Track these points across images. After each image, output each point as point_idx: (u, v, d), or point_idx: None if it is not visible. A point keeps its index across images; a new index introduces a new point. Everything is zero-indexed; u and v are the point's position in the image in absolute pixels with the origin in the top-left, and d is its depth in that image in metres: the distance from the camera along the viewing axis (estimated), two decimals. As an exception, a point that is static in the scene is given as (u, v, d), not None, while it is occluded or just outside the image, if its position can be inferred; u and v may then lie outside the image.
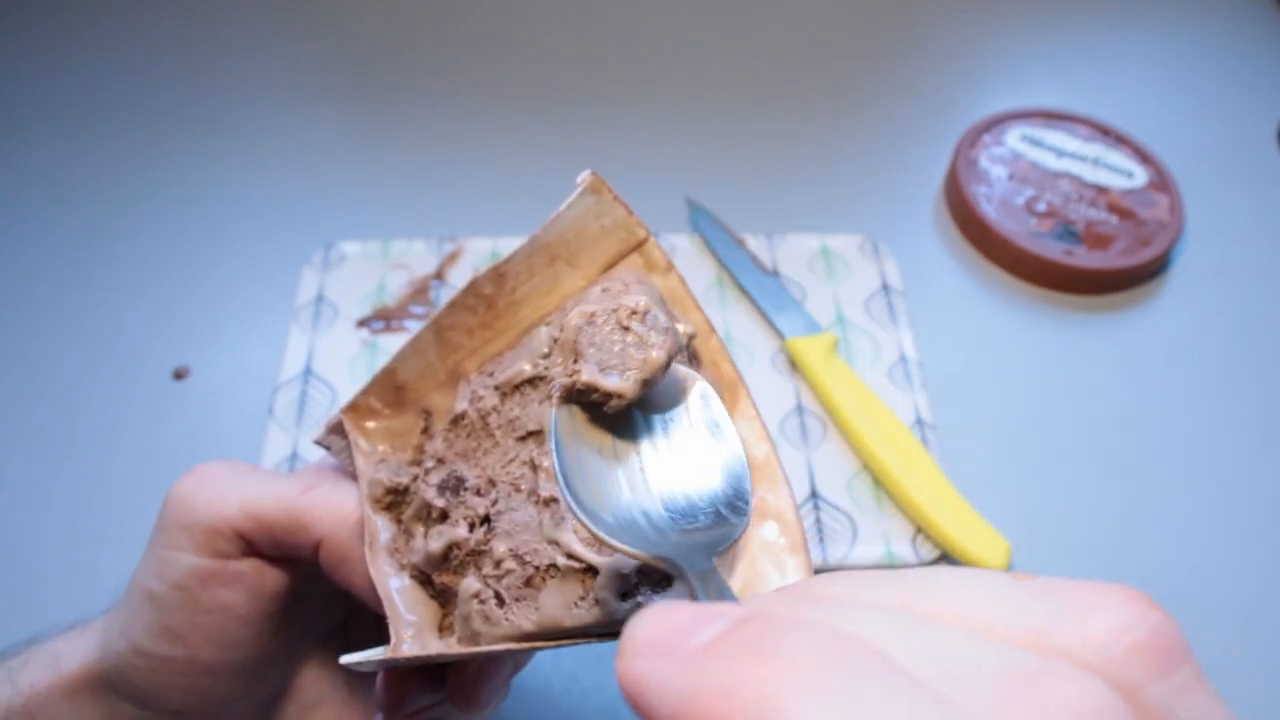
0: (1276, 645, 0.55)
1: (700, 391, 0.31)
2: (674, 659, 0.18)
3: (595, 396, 0.29)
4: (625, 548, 0.26)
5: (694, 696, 0.17)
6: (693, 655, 0.18)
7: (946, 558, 0.58)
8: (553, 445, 0.28)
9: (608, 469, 0.29)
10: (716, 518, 0.28)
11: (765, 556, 0.34)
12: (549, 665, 0.54)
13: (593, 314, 0.29)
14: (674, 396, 0.31)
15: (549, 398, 0.32)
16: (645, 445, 0.30)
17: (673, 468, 0.29)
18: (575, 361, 0.28)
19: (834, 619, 0.19)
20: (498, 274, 0.38)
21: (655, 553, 0.26)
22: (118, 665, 0.37)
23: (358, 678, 0.43)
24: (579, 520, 0.27)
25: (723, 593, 0.24)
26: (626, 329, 0.28)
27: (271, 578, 0.38)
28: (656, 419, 0.31)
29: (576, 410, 0.30)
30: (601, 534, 0.26)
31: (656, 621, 0.19)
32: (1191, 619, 0.56)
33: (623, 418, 0.30)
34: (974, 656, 0.17)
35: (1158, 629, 0.19)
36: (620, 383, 0.28)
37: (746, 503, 0.28)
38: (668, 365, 0.29)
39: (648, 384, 0.29)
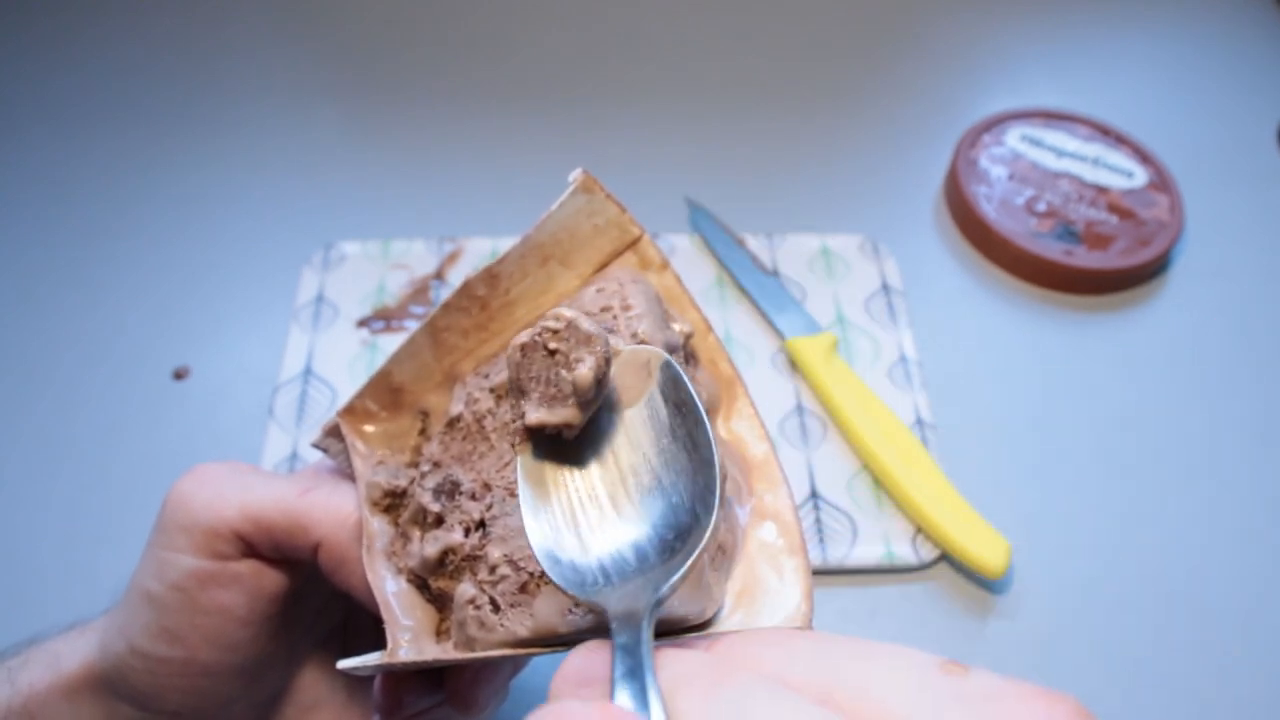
0: (1276, 645, 0.55)
1: (663, 373, 0.29)
2: None
3: (548, 431, 0.28)
4: (576, 595, 0.27)
5: None
6: None
7: (946, 558, 0.58)
8: (520, 496, 0.28)
9: (579, 502, 0.28)
10: (684, 531, 0.27)
11: (763, 558, 0.34)
12: (548, 668, 0.54)
13: (523, 345, 0.27)
14: (641, 381, 0.30)
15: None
16: (620, 452, 0.29)
17: (645, 475, 0.28)
18: (521, 400, 0.27)
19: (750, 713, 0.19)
20: (491, 275, 0.37)
21: (593, 600, 0.26)
22: (116, 666, 0.37)
23: (356, 679, 0.43)
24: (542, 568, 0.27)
25: (637, 665, 0.23)
26: (553, 352, 0.27)
27: (270, 579, 0.38)
28: (628, 414, 0.30)
29: (540, 447, 0.29)
30: (557, 583, 0.27)
31: None
32: (1191, 619, 0.56)
33: (589, 431, 0.30)
34: None
35: None
36: (564, 412, 0.27)
37: (714, 495, 0.27)
38: (601, 378, 0.28)
39: (589, 404, 0.28)
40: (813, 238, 0.73)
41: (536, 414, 0.27)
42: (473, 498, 0.34)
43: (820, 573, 0.58)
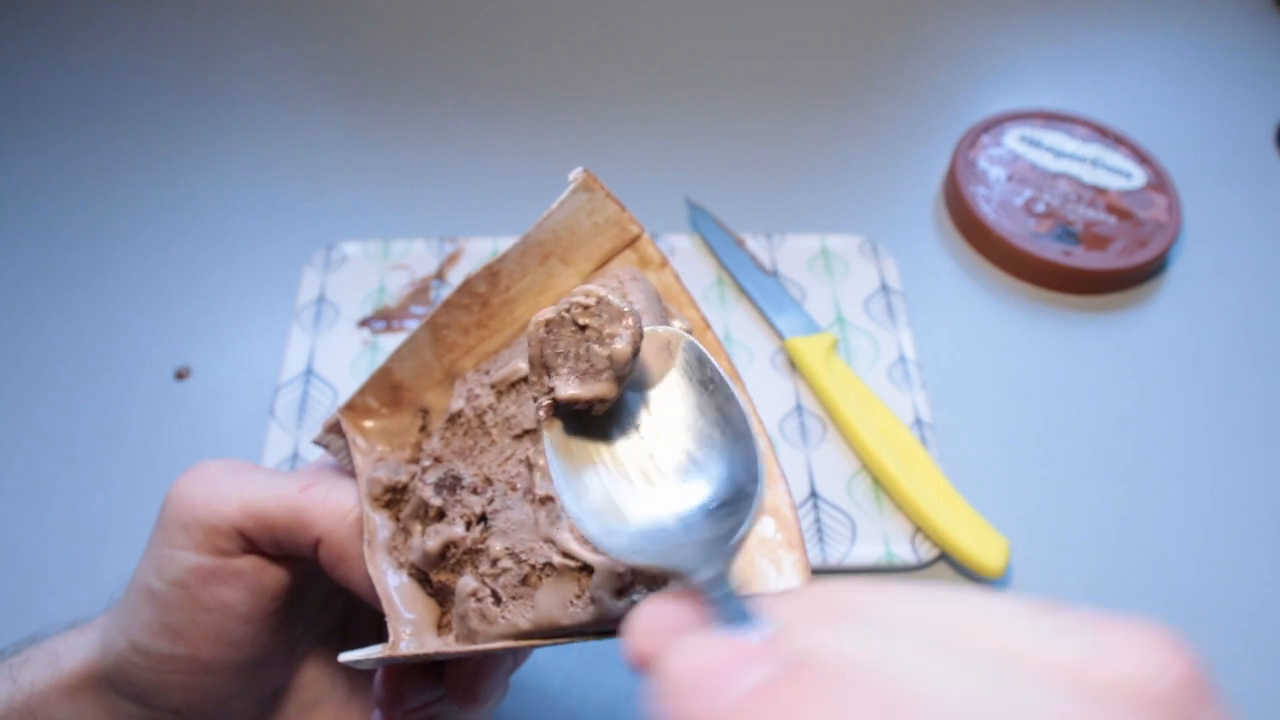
0: (1276, 645, 0.55)
1: (686, 353, 0.29)
2: (719, 702, 0.18)
3: (579, 406, 0.28)
4: (641, 563, 0.26)
5: None
6: (741, 704, 0.17)
7: (946, 557, 0.58)
8: (553, 471, 0.27)
9: (611, 478, 0.28)
10: (728, 500, 0.27)
11: (762, 553, 0.34)
12: (548, 663, 0.54)
13: (548, 321, 0.27)
14: (662, 362, 0.30)
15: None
16: (646, 431, 0.29)
17: (675, 452, 0.28)
18: (548, 377, 0.27)
19: (870, 651, 0.18)
20: (491, 272, 0.38)
21: (666, 563, 0.25)
22: (118, 663, 0.37)
23: (357, 676, 0.43)
24: (593, 543, 0.26)
25: (739, 609, 0.22)
26: (584, 328, 0.27)
27: (271, 576, 0.38)
28: (652, 395, 0.29)
29: (566, 423, 0.29)
30: (613, 554, 0.26)
31: (695, 657, 0.19)
32: (1191, 619, 0.56)
33: (616, 409, 0.29)
34: (1023, 698, 0.17)
35: (1192, 667, 0.19)
36: (599, 386, 0.27)
37: (756, 463, 0.26)
38: (636, 351, 0.27)
39: (623, 379, 0.28)
40: (812, 238, 0.73)
41: (569, 389, 0.27)
42: (474, 492, 0.35)
43: (820, 572, 0.58)
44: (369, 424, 0.39)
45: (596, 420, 0.29)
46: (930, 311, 0.70)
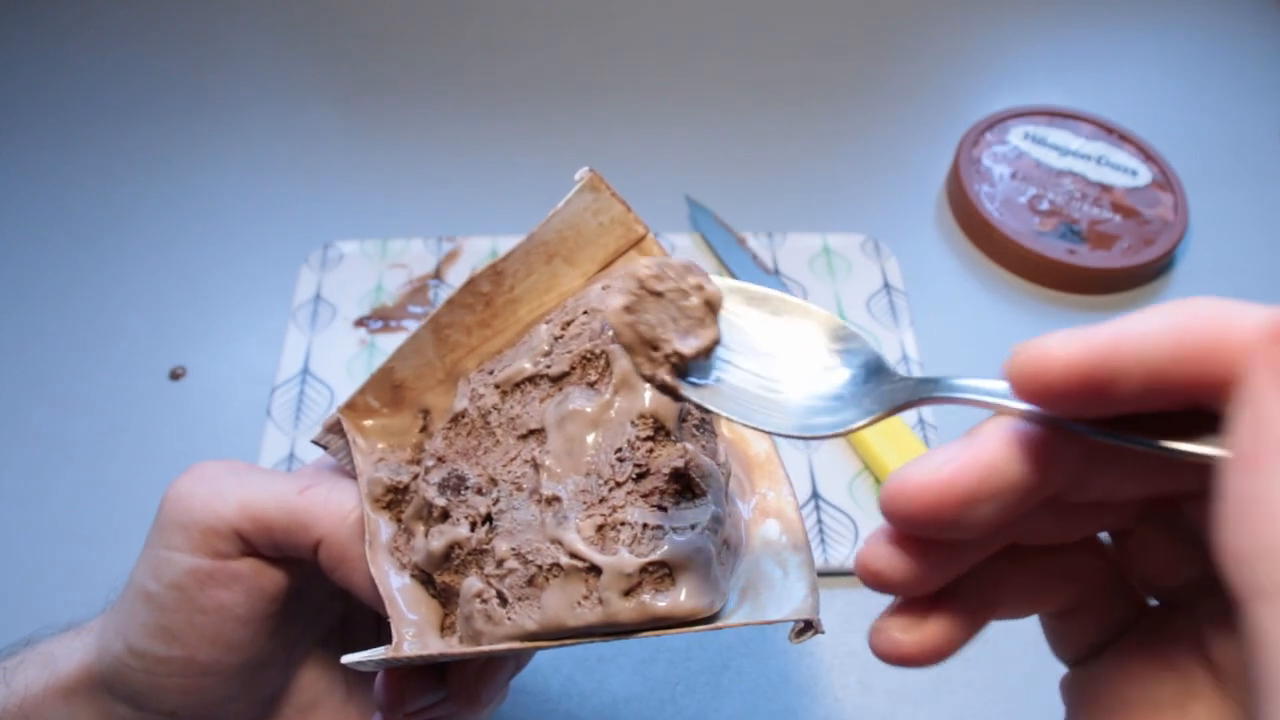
0: None
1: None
2: None
3: (698, 356, 0.28)
4: (875, 415, 0.26)
5: None
6: None
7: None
8: (728, 414, 0.27)
9: (751, 395, 0.28)
10: (862, 357, 0.28)
11: (768, 554, 0.34)
12: (547, 668, 0.54)
13: (626, 307, 0.27)
14: None
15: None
16: (747, 357, 0.29)
17: (785, 356, 0.29)
18: (655, 350, 0.27)
19: None
20: (496, 272, 0.37)
21: (908, 398, 0.26)
22: (114, 666, 0.37)
23: (355, 678, 0.43)
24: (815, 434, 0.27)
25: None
26: (660, 294, 0.27)
27: (270, 578, 0.37)
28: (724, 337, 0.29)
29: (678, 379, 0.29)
30: (858, 423, 0.26)
31: None
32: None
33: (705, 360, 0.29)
34: None
35: None
36: (708, 331, 0.28)
37: (847, 329, 0.28)
38: (718, 292, 0.28)
39: (718, 316, 0.28)
40: (814, 237, 0.72)
41: (689, 344, 0.27)
42: (479, 492, 0.34)
43: (822, 574, 0.57)
44: (368, 423, 0.39)
45: (699, 369, 0.28)
46: (933, 311, 0.70)
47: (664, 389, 0.27)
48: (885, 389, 0.26)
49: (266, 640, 0.38)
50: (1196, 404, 0.21)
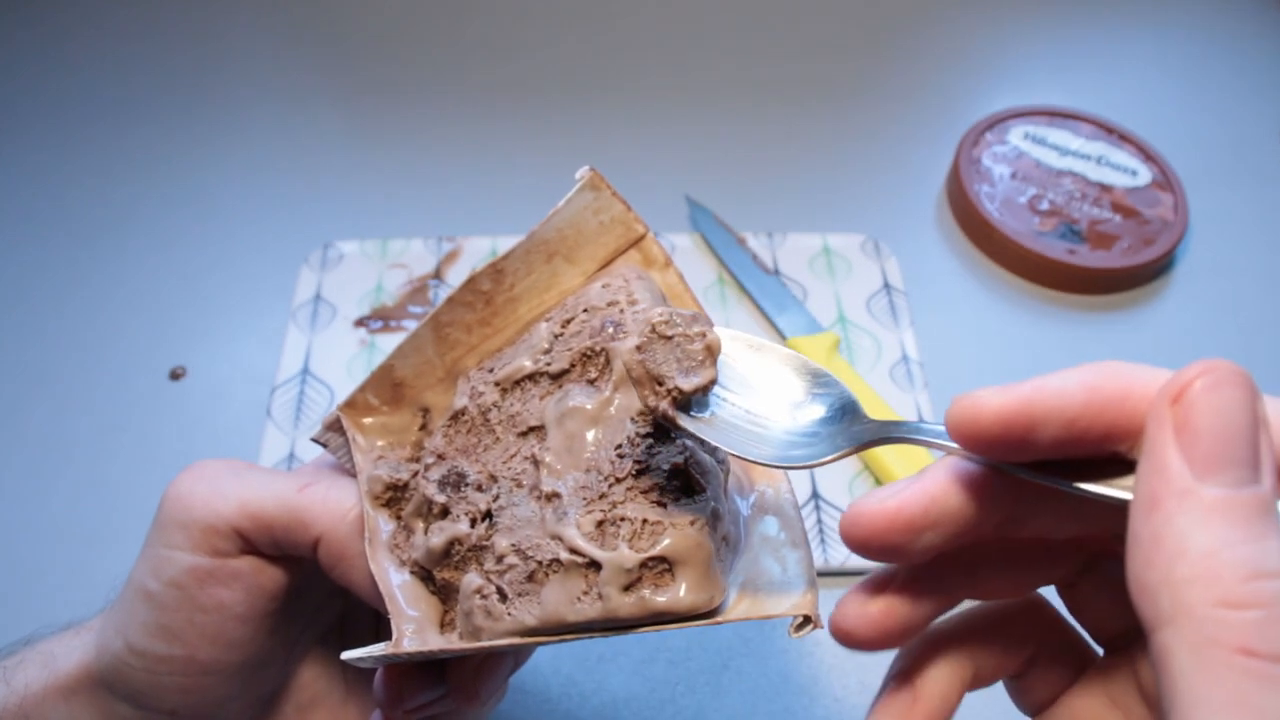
0: None
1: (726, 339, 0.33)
2: None
3: (695, 393, 0.31)
4: (835, 453, 0.29)
5: None
6: None
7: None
8: (711, 440, 0.30)
9: (739, 427, 0.31)
10: (832, 404, 0.31)
11: (767, 551, 0.34)
12: (547, 668, 0.54)
13: (638, 347, 0.31)
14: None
15: (552, 391, 0.35)
16: (740, 395, 0.32)
17: (770, 396, 0.32)
18: (660, 385, 0.31)
19: None
20: (496, 270, 0.38)
21: (872, 437, 0.29)
22: (113, 665, 0.37)
23: (354, 677, 0.43)
24: (782, 465, 0.30)
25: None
26: (670, 338, 0.31)
27: (269, 576, 0.37)
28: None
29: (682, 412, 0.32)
30: (805, 461, 0.30)
31: None
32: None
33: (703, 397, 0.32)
34: None
35: None
36: (706, 372, 0.31)
37: (820, 368, 0.32)
38: (718, 340, 0.32)
39: (717, 359, 0.31)
40: (814, 237, 0.72)
41: (689, 382, 0.30)
42: (479, 489, 0.34)
43: (821, 574, 0.57)
44: (368, 421, 0.39)
45: (697, 403, 0.31)
46: (933, 311, 0.70)
47: (664, 419, 0.31)
48: (855, 429, 0.30)
49: (266, 639, 0.38)
50: (1115, 452, 0.24)
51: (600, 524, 0.32)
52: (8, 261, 0.72)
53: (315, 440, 0.39)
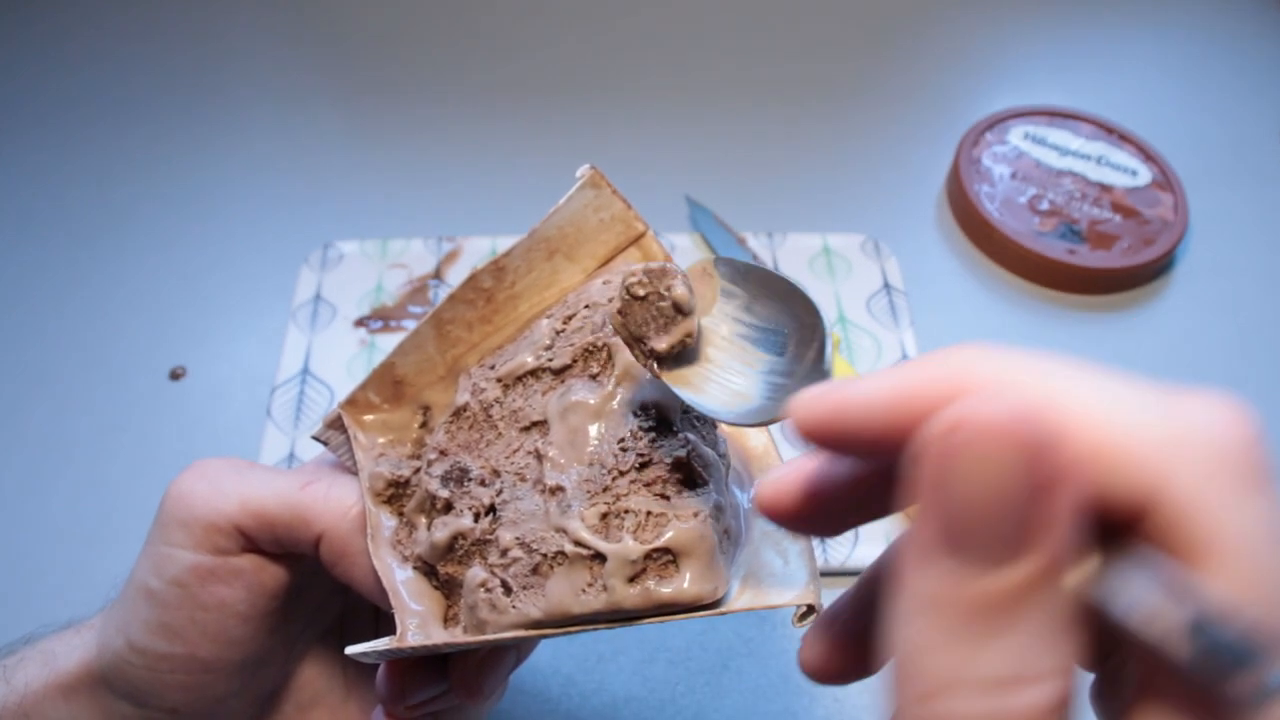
0: None
1: (720, 266, 0.32)
2: None
3: (676, 349, 0.31)
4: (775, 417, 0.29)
5: None
6: None
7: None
8: (685, 399, 0.31)
9: (721, 378, 0.31)
10: (805, 339, 0.30)
11: (768, 544, 0.35)
12: (547, 667, 0.54)
13: (618, 310, 0.31)
14: (708, 284, 0.33)
15: (554, 384, 0.35)
16: (726, 338, 0.32)
17: (753, 334, 0.31)
18: (643, 344, 0.31)
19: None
20: (497, 267, 0.38)
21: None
22: (114, 663, 0.37)
23: (355, 675, 0.43)
24: (734, 422, 0.30)
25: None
26: (643, 297, 0.31)
27: (271, 574, 0.37)
28: (715, 312, 0.33)
29: (673, 363, 0.32)
30: (754, 418, 0.29)
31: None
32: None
33: (701, 335, 0.32)
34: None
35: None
36: (679, 328, 0.31)
37: (811, 302, 0.30)
38: (689, 289, 0.31)
39: (692, 312, 0.31)
40: (814, 236, 0.72)
41: (662, 341, 0.31)
42: (482, 484, 0.35)
43: (822, 574, 0.57)
44: (369, 418, 0.39)
45: (692, 351, 0.31)
46: (933, 311, 0.70)
47: (654, 373, 0.31)
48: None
49: (267, 637, 0.38)
50: None
51: (604, 516, 0.32)
52: (8, 261, 0.72)
53: (316, 438, 0.39)
